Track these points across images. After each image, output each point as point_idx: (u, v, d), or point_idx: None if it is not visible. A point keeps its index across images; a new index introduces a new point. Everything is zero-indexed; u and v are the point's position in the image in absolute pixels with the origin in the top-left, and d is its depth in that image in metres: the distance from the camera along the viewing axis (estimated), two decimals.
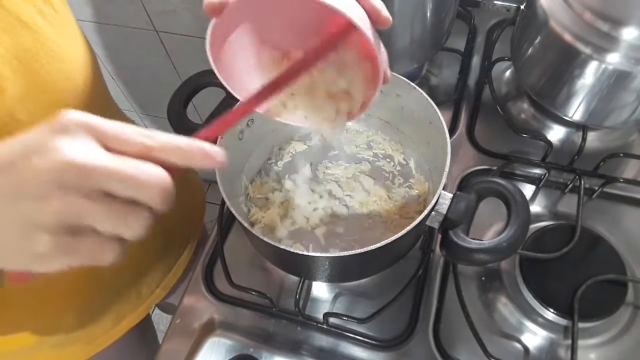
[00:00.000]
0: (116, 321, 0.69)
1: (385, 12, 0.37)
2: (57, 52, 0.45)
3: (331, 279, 0.56)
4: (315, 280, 0.58)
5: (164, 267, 0.74)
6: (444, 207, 0.45)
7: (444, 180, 0.45)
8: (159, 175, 0.28)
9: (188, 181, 0.83)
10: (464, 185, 0.65)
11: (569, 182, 0.63)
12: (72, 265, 0.28)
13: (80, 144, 0.27)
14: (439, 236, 0.47)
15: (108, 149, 0.28)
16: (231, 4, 0.34)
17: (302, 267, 0.52)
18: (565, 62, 0.57)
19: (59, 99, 0.45)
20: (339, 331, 0.56)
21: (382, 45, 0.38)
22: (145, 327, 0.80)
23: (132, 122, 0.69)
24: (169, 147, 0.29)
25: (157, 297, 0.74)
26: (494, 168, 0.64)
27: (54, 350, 0.64)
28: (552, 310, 0.54)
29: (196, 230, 0.80)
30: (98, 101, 0.53)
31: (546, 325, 0.55)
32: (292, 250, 0.44)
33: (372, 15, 0.36)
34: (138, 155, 0.28)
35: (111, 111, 0.61)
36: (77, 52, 0.48)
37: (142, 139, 0.29)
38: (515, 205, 0.43)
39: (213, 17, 0.35)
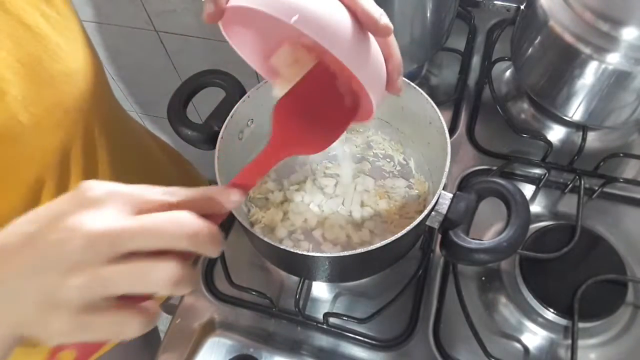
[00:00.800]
0: None
1: (383, 20, 0.33)
2: (59, 55, 0.45)
3: (331, 279, 0.56)
4: (315, 280, 0.58)
5: None
6: (444, 207, 0.45)
7: (444, 180, 0.45)
8: (185, 218, 0.27)
9: (191, 179, 0.83)
10: (464, 185, 0.65)
11: (569, 182, 0.63)
12: (92, 341, 0.27)
13: (99, 214, 0.26)
14: (439, 236, 0.47)
15: (131, 212, 0.27)
16: (228, 9, 0.34)
17: (302, 267, 0.52)
18: (565, 62, 0.57)
19: (62, 102, 0.45)
20: (339, 331, 0.56)
21: (394, 48, 0.36)
22: None
23: (139, 123, 0.69)
24: (189, 201, 0.29)
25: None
26: (494, 168, 0.64)
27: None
28: (552, 310, 0.54)
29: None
30: (102, 103, 0.53)
31: (546, 325, 0.55)
32: (292, 250, 0.44)
33: (368, 25, 0.33)
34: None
35: (115, 114, 0.61)
36: (80, 54, 0.48)
37: (164, 197, 0.29)
38: (515, 205, 0.43)
39: (215, 23, 0.35)
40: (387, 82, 0.37)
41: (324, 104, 0.40)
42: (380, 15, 0.33)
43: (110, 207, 0.27)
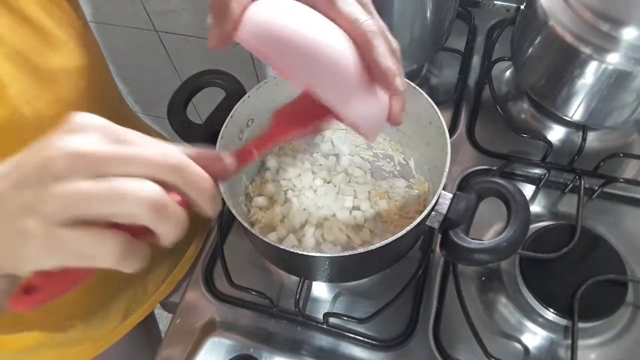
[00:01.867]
0: (123, 318, 0.69)
1: (397, 82, 0.34)
2: (61, 50, 0.45)
3: (331, 279, 0.56)
4: (315, 280, 0.58)
5: (170, 263, 0.74)
6: (444, 207, 0.45)
7: (444, 180, 0.45)
8: (172, 150, 0.27)
9: None
10: (464, 185, 0.65)
11: (569, 182, 0.63)
12: (67, 263, 0.26)
13: (88, 138, 0.26)
14: (439, 236, 0.47)
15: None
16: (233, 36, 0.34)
17: (302, 267, 0.52)
18: (565, 62, 0.57)
19: (64, 97, 0.45)
20: (339, 331, 0.56)
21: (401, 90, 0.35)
22: (150, 324, 0.80)
23: (146, 125, 0.69)
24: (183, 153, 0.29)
25: (162, 294, 0.74)
26: (494, 168, 0.64)
27: (60, 349, 0.64)
28: (552, 310, 0.54)
29: (203, 226, 0.80)
30: (105, 98, 0.53)
31: (546, 325, 0.55)
32: (292, 250, 0.44)
33: (380, 82, 0.34)
34: None
35: (120, 109, 0.61)
36: (82, 50, 0.48)
37: (155, 145, 0.28)
38: (515, 205, 0.43)
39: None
40: (389, 116, 0.37)
41: (315, 113, 0.40)
42: (394, 77, 0.33)
43: (96, 135, 0.27)
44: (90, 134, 0.27)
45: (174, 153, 0.27)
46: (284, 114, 0.39)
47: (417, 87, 0.52)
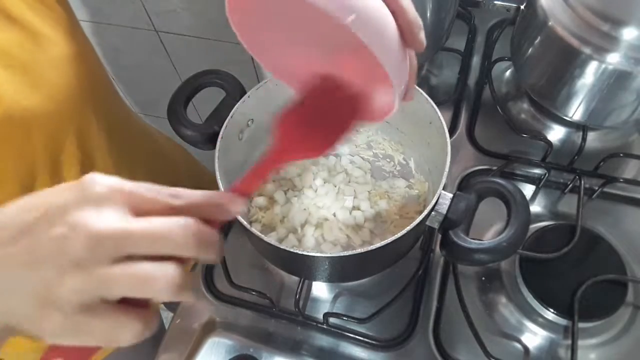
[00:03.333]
0: None
1: (421, 35, 0.33)
2: (50, 48, 0.45)
3: (331, 279, 0.56)
4: (315, 280, 0.58)
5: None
6: (444, 207, 0.45)
7: (444, 180, 0.45)
8: (191, 225, 0.27)
9: (199, 175, 0.83)
10: (464, 185, 0.65)
11: (569, 182, 0.63)
12: (87, 345, 0.26)
13: (104, 213, 0.25)
14: (439, 236, 0.47)
15: (134, 211, 0.27)
16: None
17: (302, 267, 0.52)
18: (565, 62, 0.57)
19: (54, 95, 0.45)
20: (339, 331, 0.56)
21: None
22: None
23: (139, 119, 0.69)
24: (194, 204, 0.28)
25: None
26: (494, 168, 0.64)
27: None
28: (552, 310, 0.54)
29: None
30: (97, 95, 0.53)
31: (546, 325, 0.55)
32: (292, 250, 0.44)
33: (405, 34, 0.33)
34: (166, 215, 0.27)
35: (114, 106, 0.61)
36: (72, 47, 0.48)
37: (169, 199, 0.28)
38: (515, 205, 0.43)
39: None
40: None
41: (326, 113, 0.39)
42: (419, 30, 0.33)
43: (114, 206, 0.26)
44: (107, 204, 0.26)
45: (192, 227, 0.27)
46: (290, 122, 0.37)
47: (417, 87, 0.51)
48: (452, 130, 0.70)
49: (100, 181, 0.27)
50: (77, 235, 0.24)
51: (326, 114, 0.39)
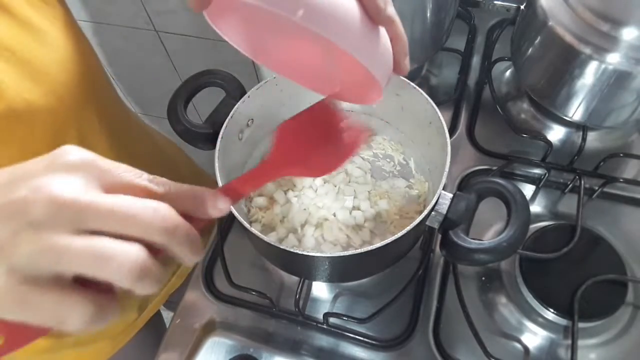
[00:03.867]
0: (140, 310, 0.69)
1: (388, 10, 0.31)
2: (49, 43, 0.45)
3: (331, 279, 0.56)
4: (315, 280, 0.58)
5: None
6: (444, 207, 0.45)
7: (444, 180, 0.45)
8: (164, 209, 0.25)
9: (200, 175, 0.84)
10: (464, 185, 0.65)
11: (569, 182, 0.63)
12: (31, 322, 0.23)
13: (72, 181, 0.24)
14: (439, 236, 0.47)
15: (106, 189, 0.25)
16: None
17: (302, 267, 0.52)
18: (565, 62, 0.57)
19: (55, 90, 0.45)
20: (339, 331, 0.56)
21: (399, 30, 0.34)
22: (158, 319, 0.81)
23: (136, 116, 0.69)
24: (173, 194, 0.27)
25: (173, 286, 0.75)
26: (494, 168, 0.64)
27: (76, 349, 0.63)
28: (552, 310, 0.54)
29: (211, 221, 0.80)
30: (97, 92, 0.53)
31: (546, 325, 0.55)
32: (292, 250, 0.44)
33: (372, 14, 0.31)
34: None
35: (114, 105, 0.61)
36: (71, 43, 0.48)
37: (147, 183, 0.26)
38: (515, 205, 0.43)
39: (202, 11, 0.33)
40: (393, 64, 0.36)
41: (324, 136, 0.39)
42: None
43: (84, 177, 0.24)
44: (77, 174, 0.24)
45: (165, 212, 0.25)
46: (289, 137, 0.37)
47: (417, 87, 0.52)
48: (452, 130, 0.70)
49: (74, 151, 0.25)
50: (38, 198, 0.23)
51: (321, 136, 0.39)
